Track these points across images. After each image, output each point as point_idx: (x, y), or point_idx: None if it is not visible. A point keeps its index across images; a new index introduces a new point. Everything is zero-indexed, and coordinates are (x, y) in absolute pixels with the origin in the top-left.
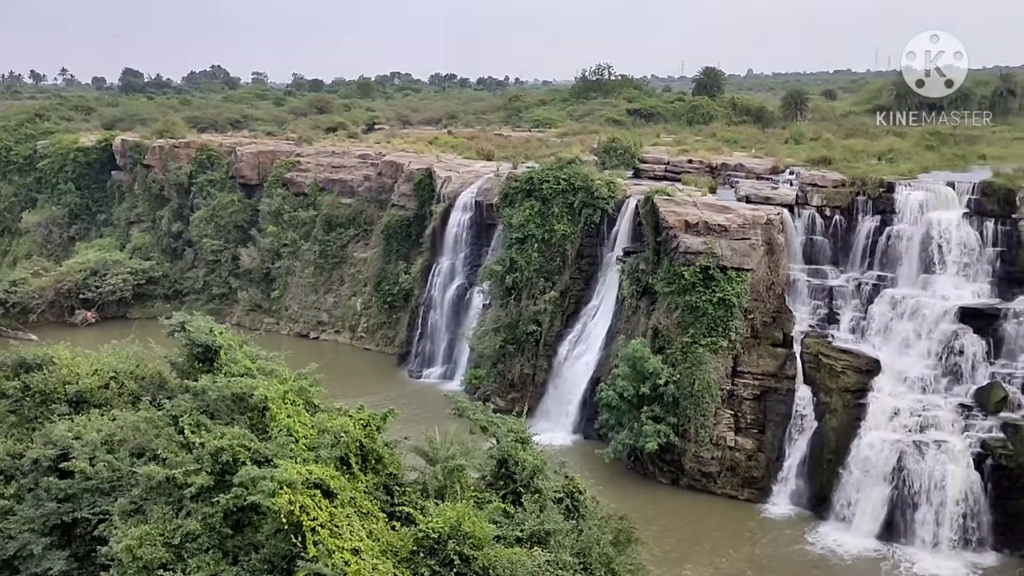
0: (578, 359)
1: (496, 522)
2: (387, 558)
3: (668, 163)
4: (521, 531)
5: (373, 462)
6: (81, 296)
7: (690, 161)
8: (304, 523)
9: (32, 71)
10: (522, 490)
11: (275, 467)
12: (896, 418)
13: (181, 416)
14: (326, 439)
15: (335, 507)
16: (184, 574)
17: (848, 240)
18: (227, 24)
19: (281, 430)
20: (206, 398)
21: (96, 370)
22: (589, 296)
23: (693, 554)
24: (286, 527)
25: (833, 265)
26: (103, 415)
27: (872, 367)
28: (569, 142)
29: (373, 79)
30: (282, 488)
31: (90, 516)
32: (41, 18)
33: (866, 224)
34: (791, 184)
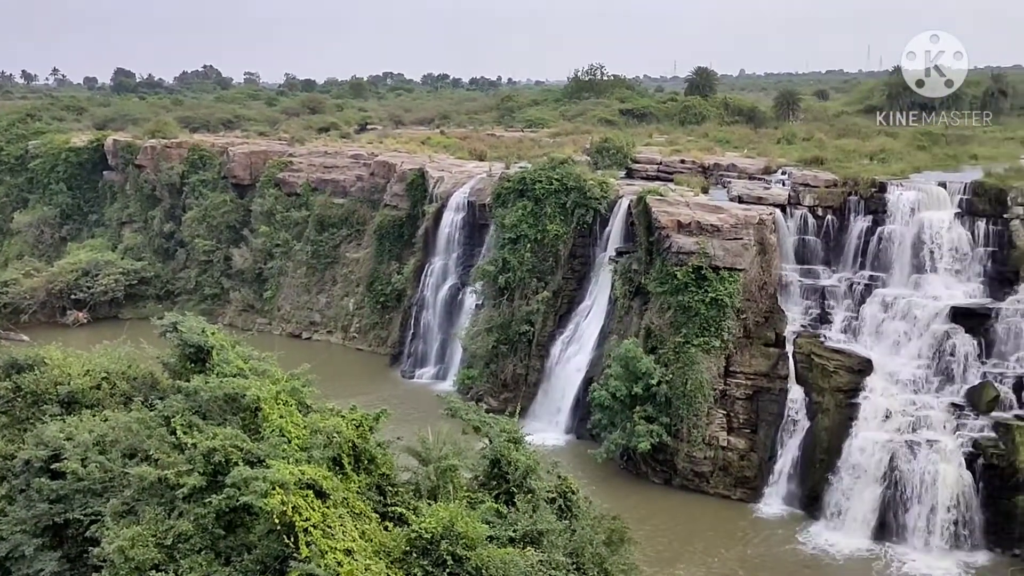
0: (571, 359)
1: (489, 522)
2: (380, 558)
3: (661, 163)
4: (514, 531)
5: (366, 462)
6: (73, 296)
7: (683, 161)
8: (297, 523)
9: (23, 71)
10: (515, 490)
11: (267, 467)
12: (888, 418)
13: (173, 417)
14: (319, 439)
15: (328, 507)
16: (176, 575)
17: (840, 240)
18: (219, 24)
19: (273, 430)
20: (198, 399)
21: (88, 371)
22: (582, 296)
23: (686, 554)
24: (279, 528)
25: (825, 265)
26: (95, 416)
27: (864, 367)
28: (562, 142)
29: (365, 79)
30: (275, 488)
31: (82, 517)
32: (32, 18)
33: (858, 224)
34: (783, 184)
